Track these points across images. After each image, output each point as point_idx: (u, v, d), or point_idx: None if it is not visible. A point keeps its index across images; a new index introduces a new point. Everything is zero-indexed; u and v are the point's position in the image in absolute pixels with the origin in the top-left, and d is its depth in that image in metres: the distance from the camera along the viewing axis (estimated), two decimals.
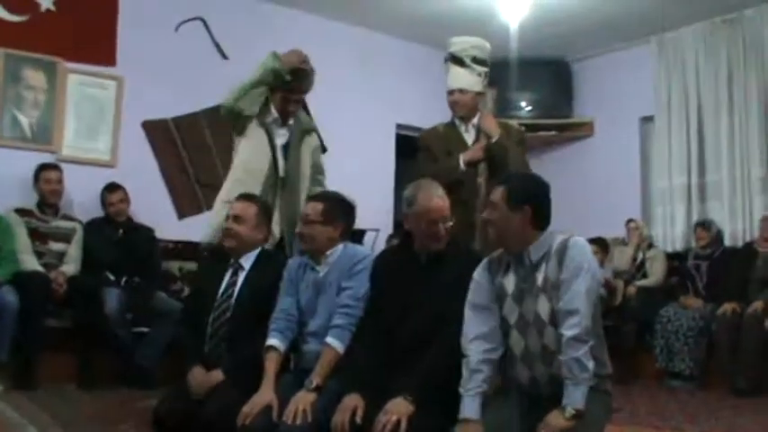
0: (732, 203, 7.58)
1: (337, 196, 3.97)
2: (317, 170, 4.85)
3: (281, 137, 4.65)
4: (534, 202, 3.13)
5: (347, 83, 7.99)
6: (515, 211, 3.10)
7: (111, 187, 6.34)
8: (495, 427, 3.05)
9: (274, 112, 4.62)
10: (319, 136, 5.08)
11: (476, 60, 4.65)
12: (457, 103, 4.69)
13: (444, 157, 4.62)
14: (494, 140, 4.52)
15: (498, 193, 3.16)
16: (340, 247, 3.82)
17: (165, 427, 3.79)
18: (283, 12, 7.77)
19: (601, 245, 7.64)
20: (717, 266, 7.05)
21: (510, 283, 3.17)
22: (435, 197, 3.56)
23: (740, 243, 7.34)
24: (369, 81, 8.22)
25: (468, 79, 4.65)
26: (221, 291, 3.99)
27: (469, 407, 3.09)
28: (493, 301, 3.20)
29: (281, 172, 4.57)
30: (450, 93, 4.71)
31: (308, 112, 4.97)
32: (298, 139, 4.69)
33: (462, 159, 4.54)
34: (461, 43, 4.72)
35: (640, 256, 7.68)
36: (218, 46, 7.39)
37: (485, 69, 4.69)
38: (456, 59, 4.67)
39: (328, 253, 3.80)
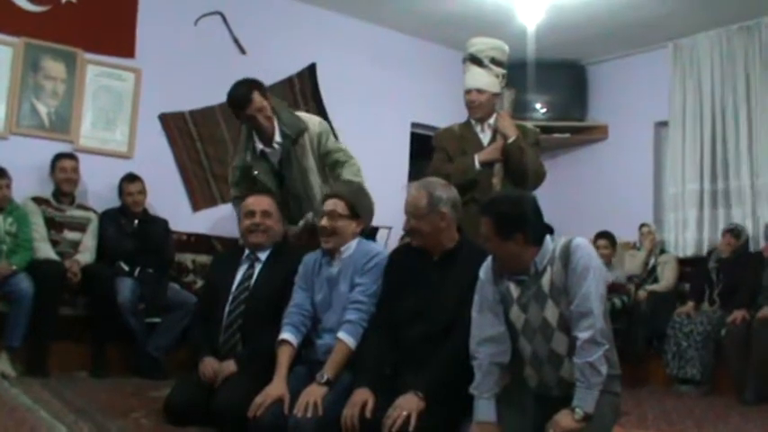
0: (744, 211, 7.57)
1: (360, 190, 3.99)
2: (330, 152, 4.81)
3: (274, 156, 4.71)
4: (523, 226, 3.07)
5: (363, 80, 8.01)
6: (507, 240, 3.07)
7: (131, 178, 6.35)
8: (505, 427, 3.08)
9: (258, 143, 4.69)
10: (326, 123, 5.08)
11: (494, 61, 4.65)
12: (473, 103, 4.68)
13: (459, 157, 4.63)
14: (510, 141, 4.53)
15: (486, 227, 3.11)
16: (354, 243, 3.85)
17: (176, 417, 3.83)
18: (302, 8, 7.79)
19: (609, 239, 7.67)
20: (733, 273, 6.98)
21: (515, 288, 3.16)
22: (411, 191, 3.60)
23: (751, 250, 7.33)
24: (385, 79, 8.23)
25: (485, 80, 4.65)
26: (237, 283, 4.03)
27: (485, 410, 3.12)
28: (498, 303, 3.20)
29: (280, 193, 4.66)
30: (468, 92, 4.70)
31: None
32: (289, 150, 4.70)
33: (478, 159, 4.55)
34: (481, 44, 4.73)
35: (652, 260, 7.68)
36: (236, 40, 7.41)
37: (502, 71, 4.69)
38: (475, 59, 4.67)
39: (343, 249, 3.83)
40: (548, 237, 3.14)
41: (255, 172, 4.61)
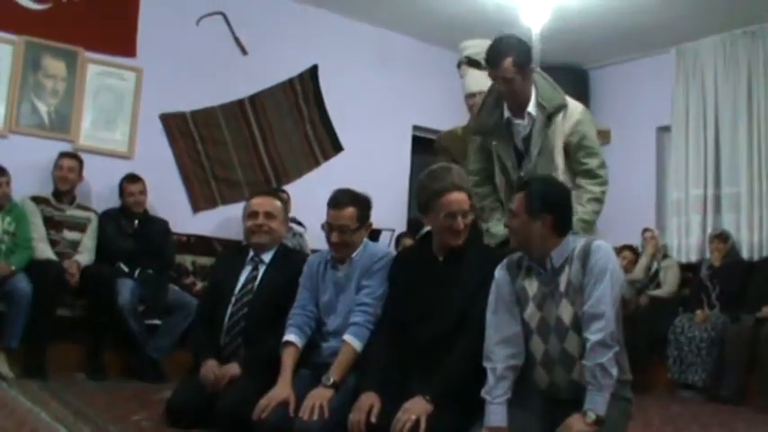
0: (750, 216, 7.51)
1: (360, 195, 3.90)
2: (585, 149, 4.08)
3: (522, 128, 4.03)
4: (554, 210, 3.09)
5: (365, 82, 7.98)
6: (535, 219, 3.07)
7: (132, 178, 6.30)
8: (513, 430, 3.03)
9: (506, 110, 4.06)
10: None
11: None
12: (477, 107, 4.59)
13: (464, 161, 4.51)
14: None
15: (518, 201, 3.14)
16: (361, 246, 3.80)
17: (178, 420, 3.78)
18: (304, 9, 7.75)
19: (632, 252, 7.80)
20: (730, 277, 7.01)
21: (532, 286, 3.15)
22: (455, 190, 3.45)
23: (756, 256, 7.31)
24: (387, 81, 8.18)
25: (488, 82, 4.32)
26: (240, 285, 3.99)
27: (497, 415, 3.06)
28: (515, 303, 3.17)
29: (516, 173, 4.05)
30: (471, 96, 4.54)
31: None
32: (541, 125, 3.97)
33: None
34: (476, 46, 4.55)
35: (654, 265, 7.64)
36: (238, 41, 7.37)
37: None
38: (473, 62, 4.55)
39: (353, 255, 3.79)
40: (570, 236, 3.13)
41: (494, 142, 4.09)
